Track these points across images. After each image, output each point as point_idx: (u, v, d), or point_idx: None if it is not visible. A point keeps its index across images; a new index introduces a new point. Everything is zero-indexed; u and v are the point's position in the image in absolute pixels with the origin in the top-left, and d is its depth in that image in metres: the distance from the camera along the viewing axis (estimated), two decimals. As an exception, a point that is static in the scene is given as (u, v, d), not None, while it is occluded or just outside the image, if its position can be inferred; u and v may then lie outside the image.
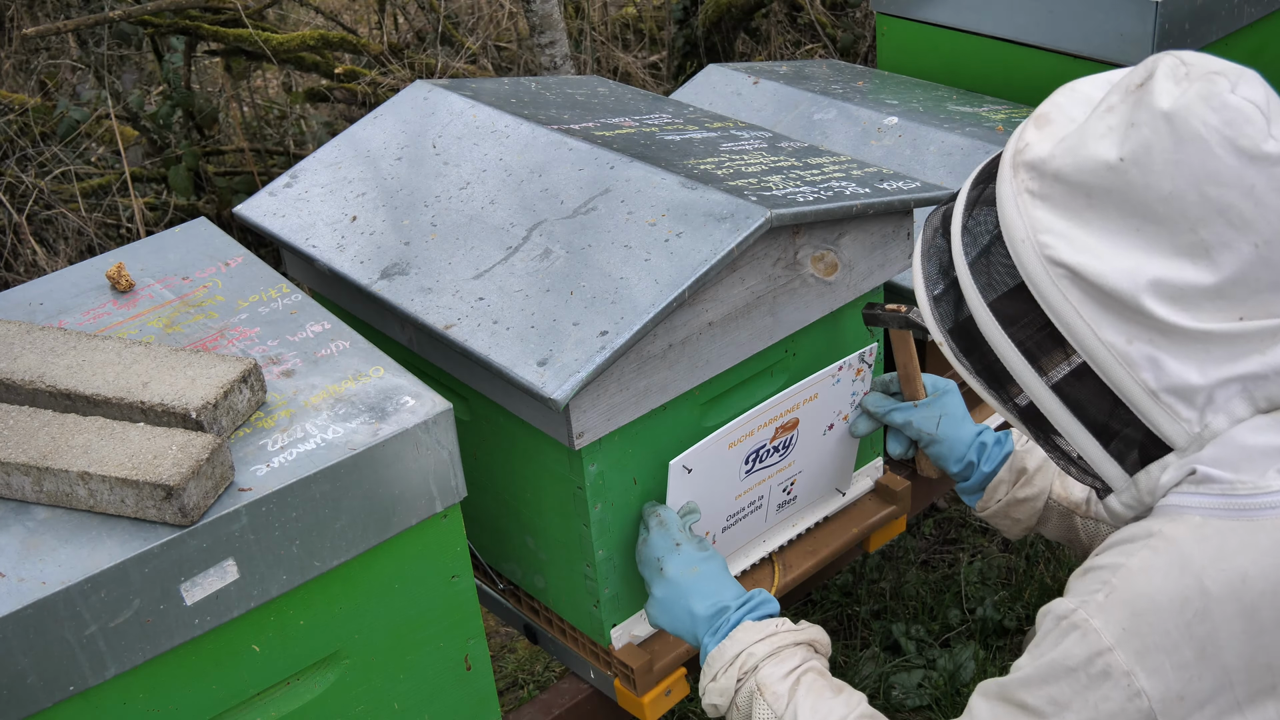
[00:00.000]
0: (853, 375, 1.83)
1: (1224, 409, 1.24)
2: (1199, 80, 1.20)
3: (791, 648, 1.57)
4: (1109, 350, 1.24)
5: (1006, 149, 1.33)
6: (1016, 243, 1.27)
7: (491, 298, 1.63)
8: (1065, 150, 1.25)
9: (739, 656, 1.56)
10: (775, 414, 1.75)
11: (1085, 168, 1.23)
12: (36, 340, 1.49)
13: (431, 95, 2.07)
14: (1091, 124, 1.25)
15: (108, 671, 1.28)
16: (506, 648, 2.89)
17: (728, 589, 1.63)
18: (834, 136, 2.30)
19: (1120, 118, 1.23)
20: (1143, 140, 1.20)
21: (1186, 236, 1.20)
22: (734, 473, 1.75)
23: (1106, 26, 2.35)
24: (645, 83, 4.72)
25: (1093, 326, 1.24)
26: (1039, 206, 1.26)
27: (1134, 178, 1.20)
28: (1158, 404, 1.24)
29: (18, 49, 4.45)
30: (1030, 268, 1.26)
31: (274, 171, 4.13)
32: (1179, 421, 1.25)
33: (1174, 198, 1.19)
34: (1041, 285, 1.25)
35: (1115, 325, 1.23)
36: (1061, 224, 1.24)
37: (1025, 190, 1.27)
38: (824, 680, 1.54)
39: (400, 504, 1.44)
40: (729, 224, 1.60)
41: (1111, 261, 1.21)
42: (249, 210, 1.96)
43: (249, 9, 4.17)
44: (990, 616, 2.77)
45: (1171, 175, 1.19)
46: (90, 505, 1.30)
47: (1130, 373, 1.24)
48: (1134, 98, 1.23)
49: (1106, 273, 1.21)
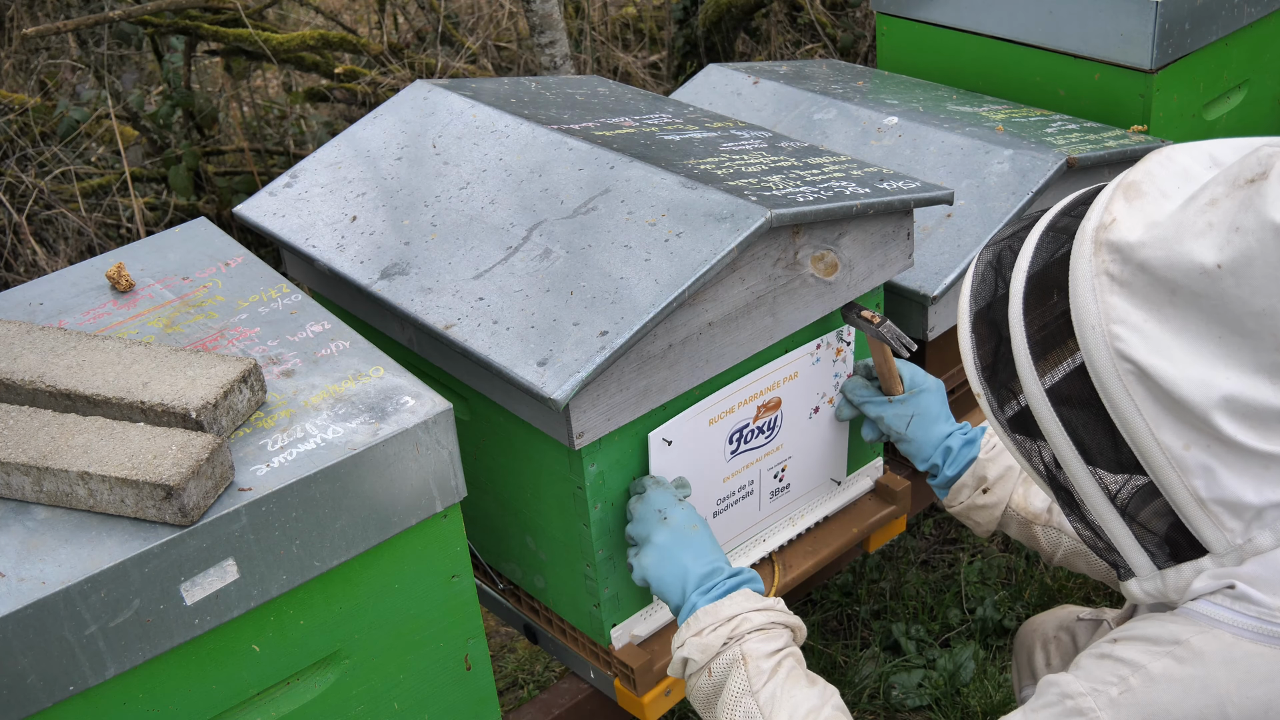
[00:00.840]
0: (832, 355, 1.84)
1: (1271, 527, 1.19)
2: None
3: (782, 628, 1.55)
4: (1164, 452, 1.17)
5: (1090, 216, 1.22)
6: (1086, 327, 1.18)
7: (491, 298, 1.63)
8: (1157, 240, 1.15)
9: (734, 619, 1.53)
10: (755, 390, 1.76)
11: (1177, 265, 1.14)
12: (36, 340, 1.49)
13: (431, 95, 2.07)
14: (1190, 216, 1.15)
15: (108, 671, 1.28)
16: (506, 648, 2.89)
17: (720, 555, 1.62)
18: (834, 136, 2.31)
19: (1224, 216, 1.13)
20: (1246, 249, 1.11)
21: (1271, 355, 1.13)
22: (718, 452, 1.76)
23: (1106, 26, 2.35)
24: (645, 83, 4.72)
25: (1151, 426, 1.17)
26: (1117, 293, 1.17)
27: (1228, 287, 1.12)
28: (1204, 511, 1.19)
29: (18, 49, 4.45)
30: (1096, 357, 1.18)
31: (274, 171, 4.13)
32: (1222, 530, 1.19)
33: (1267, 315, 1.11)
34: (1105, 377, 1.18)
35: (1176, 429, 1.16)
36: (1138, 316, 1.16)
37: (1105, 272, 1.18)
38: (801, 670, 1.52)
39: (400, 504, 1.44)
40: (729, 224, 1.60)
41: (1186, 369, 1.14)
42: (249, 210, 1.96)
43: (249, 9, 4.17)
44: (990, 616, 2.77)
45: (1270, 292, 1.11)
46: (90, 505, 1.30)
47: (1182, 478, 1.18)
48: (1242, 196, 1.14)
49: (1179, 380, 1.14)
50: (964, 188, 2.09)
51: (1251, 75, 2.60)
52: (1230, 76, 2.54)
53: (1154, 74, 2.34)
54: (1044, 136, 2.20)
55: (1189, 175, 1.22)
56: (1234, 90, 2.58)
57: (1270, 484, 1.16)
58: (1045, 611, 1.95)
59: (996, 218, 2.02)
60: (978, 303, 1.34)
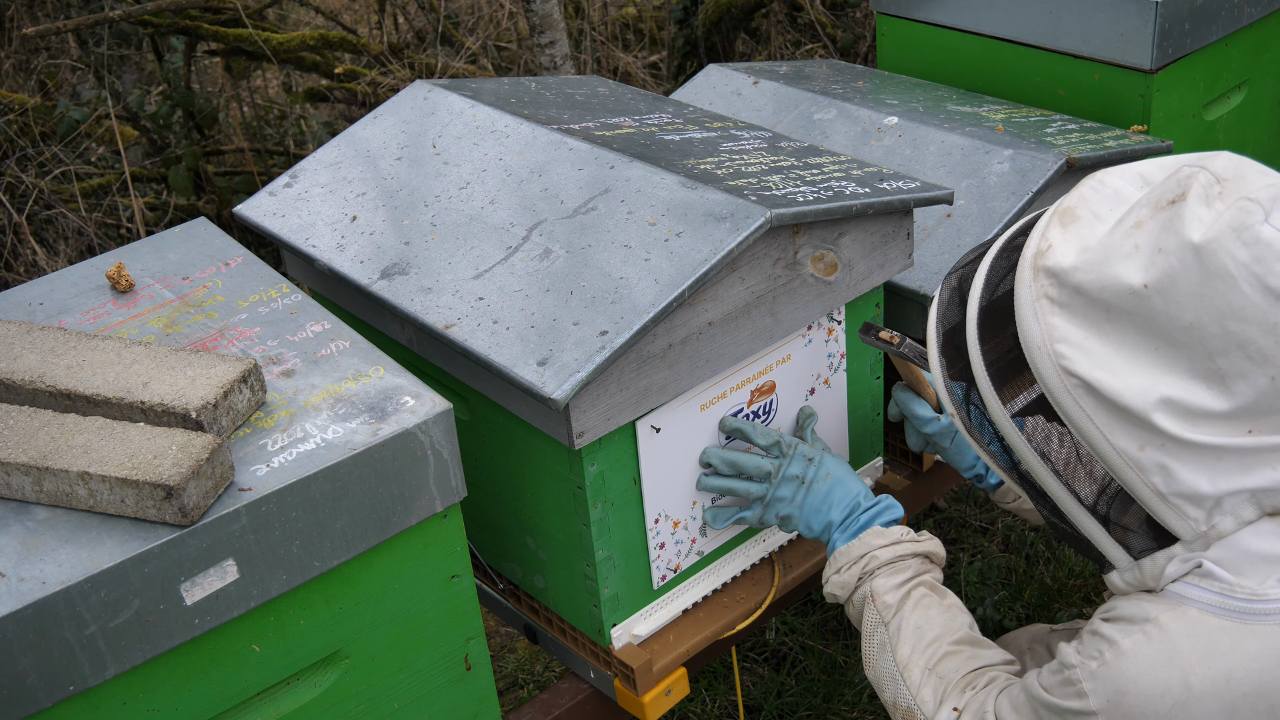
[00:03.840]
0: (824, 335, 1.84)
1: (1232, 513, 1.26)
2: (1232, 208, 1.19)
3: (910, 558, 1.67)
4: (1121, 456, 1.26)
5: (1029, 244, 1.32)
6: (1033, 348, 1.28)
7: (491, 297, 1.63)
8: (1088, 264, 1.25)
9: (863, 558, 1.67)
10: (747, 375, 1.76)
11: (1108, 287, 1.23)
12: (36, 340, 1.49)
13: (431, 95, 2.07)
14: (1117, 240, 1.24)
15: (108, 671, 1.28)
16: (506, 648, 2.89)
17: (857, 486, 1.74)
18: (834, 136, 2.30)
19: (1148, 238, 1.22)
20: (1169, 269, 1.20)
21: (1203, 363, 1.21)
22: (712, 439, 1.76)
23: (1106, 26, 2.35)
24: (645, 83, 4.72)
25: (1105, 433, 1.25)
26: (1057, 314, 1.26)
27: (1156, 305, 1.21)
28: (1167, 505, 1.27)
29: (18, 49, 4.45)
30: (1045, 374, 1.27)
31: (274, 171, 4.13)
32: (1186, 520, 1.27)
33: (1194, 328, 1.20)
34: (1056, 392, 1.27)
35: (1128, 433, 1.24)
36: (1079, 334, 1.25)
37: (1045, 296, 1.27)
38: (933, 595, 1.64)
39: (400, 504, 1.44)
40: (729, 224, 1.60)
41: (1126, 379, 1.23)
42: (249, 210, 1.96)
43: (249, 9, 4.17)
44: (990, 616, 2.77)
45: (1195, 307, 1.19)
46: (90, 505, 1.30)
47: (1141, 476, 1.26)
48: (1164, 218, 1.22)
49: (1121, 390, 1.23)
50: (964, 188, 2.09)
51: (1251, 75, 2.59)
52: (1230, 76, 2.54)
53: (1154, 74, 2.34)
54: (1044, 136, 2.20)
55: (1120, 197, 1.31)
56: (1234, 90, 2.58)
57: (1223, 474, 1.24)
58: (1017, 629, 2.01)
59: (996, 218, 2.02)
60: (942, 328, 1.44)
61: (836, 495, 1.73)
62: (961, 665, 1.56)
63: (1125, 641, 1.30)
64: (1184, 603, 1.29)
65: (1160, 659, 1.27)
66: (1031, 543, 2.98)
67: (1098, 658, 1.31)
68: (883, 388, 1.99)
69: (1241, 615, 1.26)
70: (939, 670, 1.56)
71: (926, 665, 1.57)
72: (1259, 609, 1.26)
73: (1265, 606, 1.26)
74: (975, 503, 3.19)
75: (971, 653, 1.58)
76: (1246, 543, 1.26)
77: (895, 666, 1.59)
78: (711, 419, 1.75)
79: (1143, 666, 1.28)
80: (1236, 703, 1.24)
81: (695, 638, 1.81)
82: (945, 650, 1.57)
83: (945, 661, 1.57)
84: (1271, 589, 1.26)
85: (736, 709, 2.68)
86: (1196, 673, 1.25)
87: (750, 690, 2.72)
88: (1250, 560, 1.26)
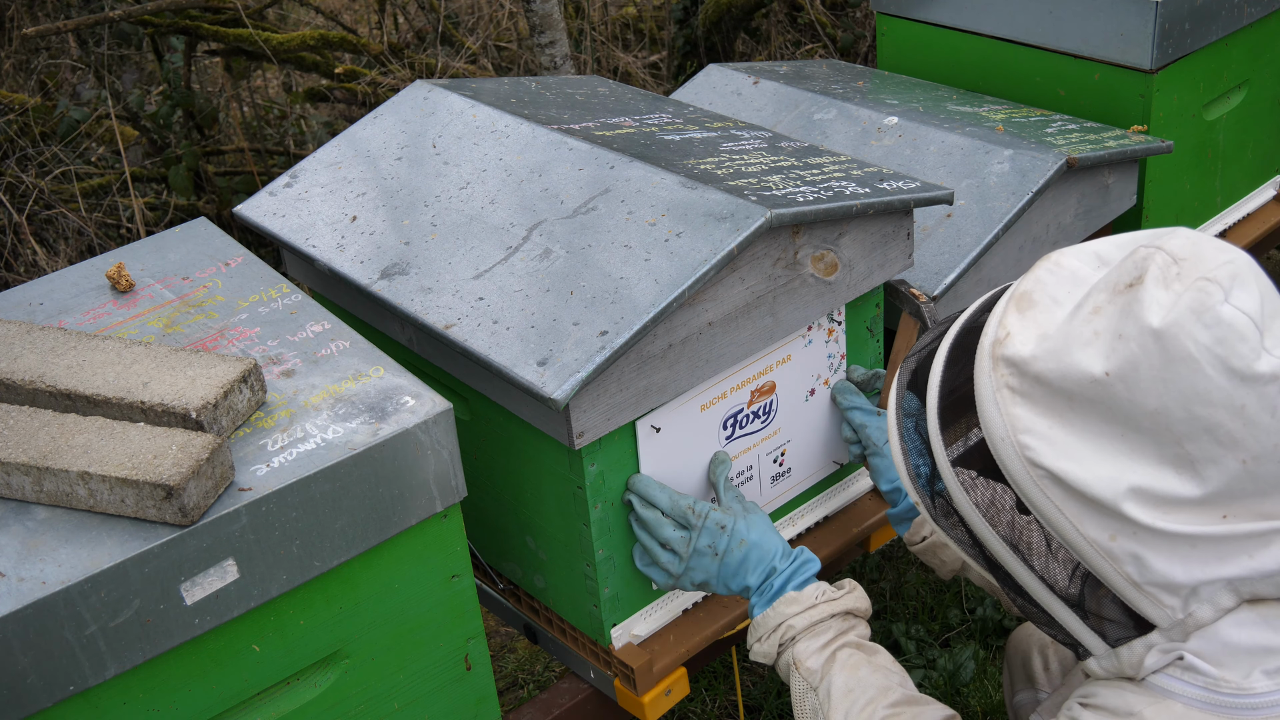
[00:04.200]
0: (824, 336, 1.84)
1: (1209, 601, 1.22)
2: (1190, 289, 1.16)
3: (828, 620, 1.62)
4: (1092, 545, 1.21)
5: (987, 330, 1.28)
6: (996, 439, 1.23)
7: (491, 297, 1.63)
8: (1048, 353, 1.21)
9: (779, 628, 1.63)
10: (747, 375, 1.76)
11: (1069, 376, 1.19)
12: (36, 340, 1.49)
13: (431, 95, 2.07)
14: (1076, 326, 1.20)
15: (108, 671, 1.28)
16: (506, 648, 2.89)
17: (773, 545, 1.68)
18: (834, 136, 2.30)
19: (1107, 323, 1.19)
20: (1130, 356, 1.16)
21: (1171, 449, 1.17)
22: (712, 438, 1.76)
23: (1106, 26, 2.35)
24: (645, 83, 4.72)
25: (1075, 523, 1.21)
26: (1019, 404, 1.22)
27: (1119, 392, 1.17)
28: (1141, 593, 1.22)
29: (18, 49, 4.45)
30: (1010, 466, 1.23)
31: (274, 171, 4.13)
32: (1162, 608, 1.23)
33: (1160, 413, 1.16)
34: (1022, 483, 1.23)
35: (1098, 522, 1.20)
36: (1042, 424, 1.21)
37: (1005, 386, 1.23)
38: (860, 653, 1.59)
39: (400, 504, 1.44)
40: (729, 224, 1.60)
41: (1093, 468, 1.19)
42: (249, 210, 1.96)
43: (249, 9, 4.17)
44: (990, 616, 2.77)
45: (1159, 393, 1.15)
46: (90, 505, 1.30)
47: (1114, 566, 1.21)
48: (1122, 302, 1.18)
49: (1088, 480, 1.19)
50: (964, 188, 2.09)
51: (1251, 75, 2.59)
52: (1230, 76, 2.54)
53: (1154, 74, 2.34)
54: (1044, 136, 2.20)
55: (1077, 279, 1.26)
56: (1234, 90, 2.58)
57: (1197, 562, 1.20)
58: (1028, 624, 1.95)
59: (996, 218, 2.02)
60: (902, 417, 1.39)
61: (752, 560, 1.67)
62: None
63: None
64: (1168, 696, 1.25)
65: None
66: (1031, 543, 2.98)
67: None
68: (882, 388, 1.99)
69: (1228, 710, 1.22)
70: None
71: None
72: (1246, 703, 1.22)
73: (1251, 700, 1.22)
74: (975, 503, 3.18)
75: (912, 713, 1.51)
76: (1226, 634, 1.23)
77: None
78: (712, 419, 1.75)
79: None
80: None
81: (695, 638, 1.81)
82: (882, 715, 1.51)
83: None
84: (1256, 682, 1.22)
85: (736, 709, 2.68)
86: None
87: (750, 690, 2.72)
88: (1232, 653, 1.23)
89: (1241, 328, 1.14)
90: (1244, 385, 1.14)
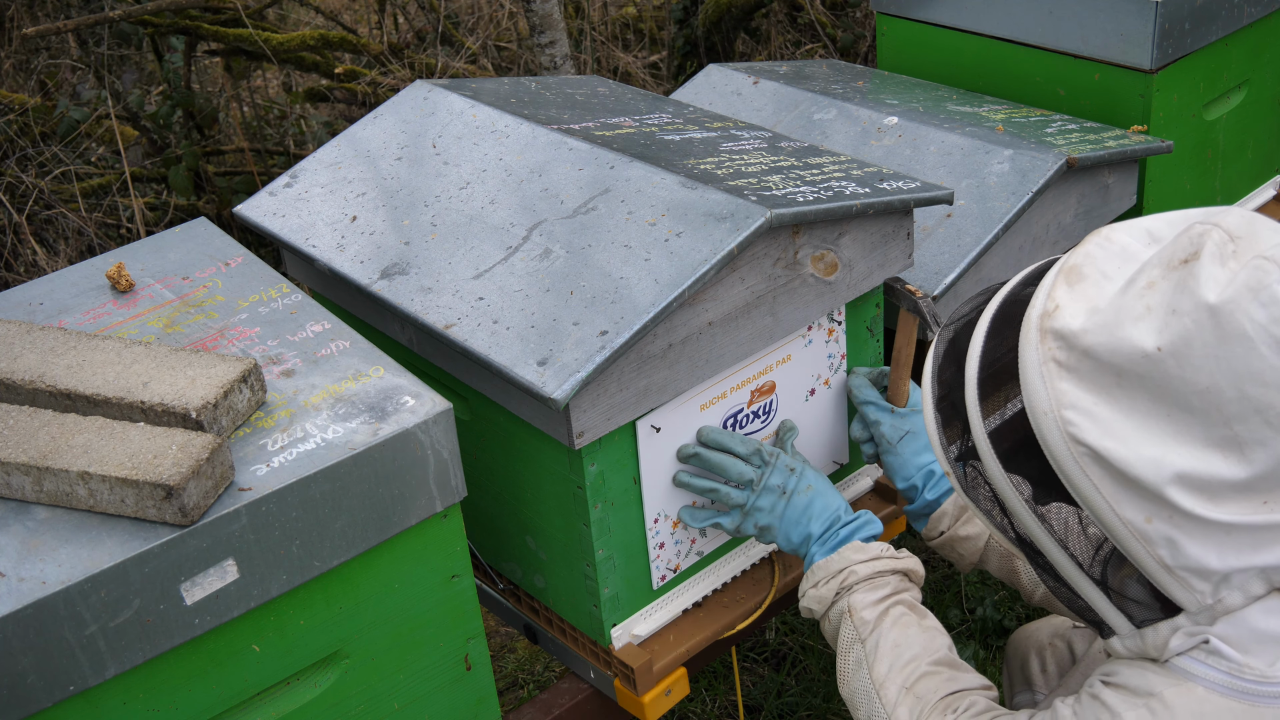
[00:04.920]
0: (825, 336, 1.84)
1: (1240, 588, 1.22)
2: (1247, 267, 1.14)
3: (889, 575, 1.65)
4: (1126, 526, 1.20)
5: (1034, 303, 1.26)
6: (1039, 414, 1.22)
7: (491, 297, 1.63)
8: (1099, 326, 1.19)
9: (841, 573, 1.65)
10: (747, 375, 1.76)
11: (1120, 351, 1.17)
12: (36, 340, 1.49)
13: (431, 95, 2.07)
14: (1129, 301, 1.19)
15: (108, 671, 1.28)
16: (506, 648, 2.89)
17: (837, 500, 1.73)
18: (834, 136, 2.30)
19: (1161, 299, 1.17)
20: (1184, 332, 1.14)
21: (1220, 430, 1.15)
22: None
23: (1107, 26, 2.35)
24: (645, 83, 4.72)
25: (1111, 503, 1.20)
26: (1065, 379, 1.20)
27: (1170, 369, 1.15)
28: (1172, 577, 1.22)
29: (18, 49, 4.45)
30: (1051, 441, 1.21)
31: (274, 171, 4.13)
32: (1192, 593, 1.22)
33: (1211, 392, 1.14)
34: (1062, 460, 1.21)
35: (1135, 504, 1.19)
36: (1088, 400, 1.19)
37: (1052, 359, 1.21)
38: (912, 614, 1.62)
39: (400, 504, 1.44)
40: (729, 224, 1.60)
41: (1138, 449, 1.17)
42: (249, 210, 1.96)
43: (249, 9, 4.17)
44: (990, 616, 2.77)
45: (1211, 371, 1.14)
46: (90, 505, 1.30)
47: (1147, 549, 1.20)
48: (1177, 278, 1.17)
49: (1132, 460, 1.17)
50: (964, 188, 2.09)
51: (1251, 75, 2.59)
52: (1230, 76, 2.54)
53: (1154, 74, 2.34)
54: (1044, 136, 2.20)
55: (1128, 254, 1.25)
56: (1234, 90, 2.58)
57: (1232, 550, 1.19)
58: (1038, 620, 1.96)
59: (996, 218, 2.02)
60: (939, 388, 1.38)
61: (817, 508, 1.71)
62: (940, 687, 1.52)
63: (1129, 715, 1.25)
64: (1190, 679, 1.24)
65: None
66: (1031, 543, 2.98)
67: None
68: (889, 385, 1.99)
69: (1250, 697, 1.22)
70: (916, 690, 1.53)
71: (904, 684, 1.53)
72: (1267, 691, 1.21)
73: (1275, 690, 1.21)
74: (975, 503, 3.18)
75: (950, 675, 1.53)
76: (1255, 621, 1.22)
77: (871, 684, 1.56)
78: (712, 419, 1.75)
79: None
80: None
81: (695, 638, 1.81)
82: (924, 670, 1.54)
83: (923, 681, 1.53)
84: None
85: (736, 709, 2.68)
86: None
87: (750, 690, 2.72)
88: (1259, 639, 1.22)
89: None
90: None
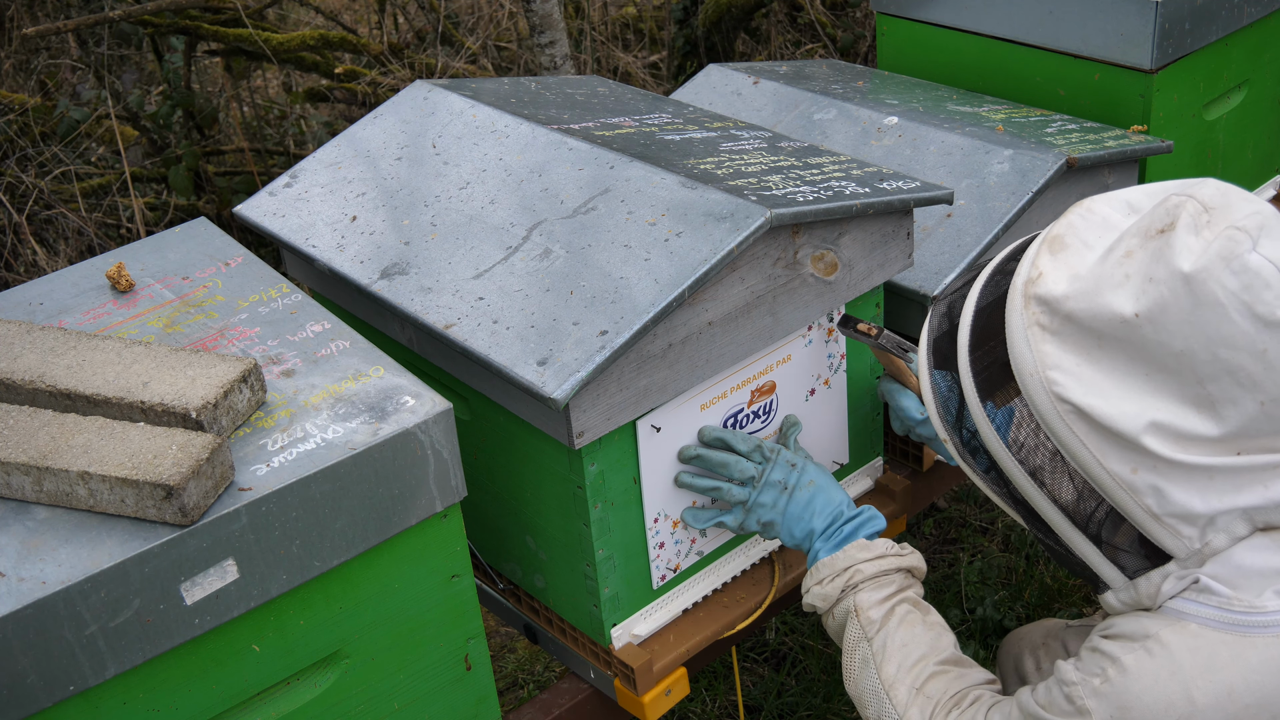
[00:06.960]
0: (824, 336, 1.84)
1: (1225, 529, 1.28)
2: (1220, 237, 1.22)
3: (894, 573, 1.67)
4: (1113, 478, 1.27)
5: (1019, 271, 1.34)
6: (1025, 375, 1.30)
7: (491, 297, 1.63)
8: (1080, 293, 1.27)
9: (847, 570, 1.66)
10: (747, 375, 1.76)
11: (1100, 316, 1.25)
12: (36, 340, 1.49)
13: (431, 95, 2.07)
14: (1108, 269, 1.27)
15: (108, 671, 1.28)
16: (506, 648, 2.89)
17: (840, 495, 1.74)
18: (834, 136, 2.30)
19: (1138, 267, 1.25)
20: (1159, 298, 1.22)
21: (1194, 389, 1.23)
22: None
23: (1106, 26, 2.35)
24: (645, 83, 4.72)
25: (1098, 456, 1.27)
26: (1049, 341, 1.28)
27: (1147, 333, 1.23)
28: (1160, 524, 1.28)
29: (18, 49, 4.45)
30: (1038, 401, 1.29)
31: (274, 171, 4.13)
32: (1180, 539, 1.29)
33: (1185, 355, 1.22)
34: (1048, 417, 1.29)
35: (1120, 456, 1.26)
36: (1071, 361, 1.27)
37: (1036, 324, 1.29)
38: (917, 612, 1.64)
39: (400, 504, 1.44)
40: (729, 224, 1.60)
41: (1118, 404, 1.25)
42: (249, 210, 1.96)
43: (249, 9, 4.17)
44: (990, 616, 2.77)
45: (1185, 335, 1.21)
46: (90, 505, 1.30)
47: (1134, 498, 1.28)
48: (1154, 247, 1.24)
49: (1113, 414, 1.25)
50: (964, 188, 2.09)
51: (1251, 75, 2.59)
52: (1230, 76, 2.54)
53: (1154, 74, 2.34)
54: (1044, 136, 2.20)
55: (1109, 224, 1.33)
56: (1234, 90, 2.58)
57: (1215, 493, 1.26)
58: (1030, 624, 1.99)
59: (996, 218, 2.02)
60: (933, 357, 1.46)
61: (819, 503, 1.72)
62: (949, 685, 1.56)
63: (1127, 658, 1.31)
64: (1183, 618, 1.30)
65: (1163, 674, 1.28)
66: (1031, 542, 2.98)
67: (1100, 675, 1.32)
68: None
69: (1241, 628, 1.27)
70: (926, 690, 1.56)
71: (914, 685, 1.57)
72: (1258, 621, 1.27)
73: (1264, 619, 1.27)
74: (975, 503, 3.18)
75: (958, 673, 1.58)
76: (1241, 558, 1.28)
77: (880, 684, 1.58)
78: (712, 419, 1.75)
79: (1146, 682, 1.29)
80: (1239, 714, 1.26)
81: (695, 638, 1.81)
82: (932, 670, 1.57)
83: (932, 681, 1.56)
84: (1269, 601, 1.27)
85: (736, 709, 2.68)
86: (1199, 686, 1.26)
87: (750, 690, 2.72)
88: (1246, 575, 1.28)
89: (1267, 275, 1.20)
90: (1267, 330, 1.20)
